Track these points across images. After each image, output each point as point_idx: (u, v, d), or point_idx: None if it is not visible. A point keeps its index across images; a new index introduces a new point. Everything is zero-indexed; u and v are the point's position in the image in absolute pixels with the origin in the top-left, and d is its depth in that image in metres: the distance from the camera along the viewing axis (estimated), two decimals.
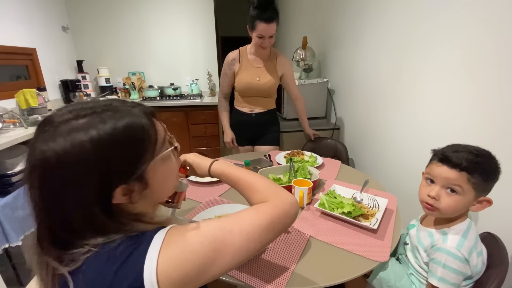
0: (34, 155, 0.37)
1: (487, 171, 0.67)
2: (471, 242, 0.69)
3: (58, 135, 0.36)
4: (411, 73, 1.25)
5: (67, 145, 0.36)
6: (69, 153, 0.36)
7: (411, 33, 1.23)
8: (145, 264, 0.36)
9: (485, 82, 0.89)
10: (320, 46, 2.28)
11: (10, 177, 1.45)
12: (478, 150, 0.69)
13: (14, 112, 1.80)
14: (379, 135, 1.58)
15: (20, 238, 1.37)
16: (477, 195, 0.69)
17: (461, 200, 0.69)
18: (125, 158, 0.40)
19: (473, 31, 0.92)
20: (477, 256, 0.70)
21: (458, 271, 0.67)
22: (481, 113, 0.91)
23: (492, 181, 0.69)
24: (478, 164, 0.66)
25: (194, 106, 2.77)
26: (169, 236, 0.40)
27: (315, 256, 0.74)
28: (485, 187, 0.69)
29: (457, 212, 0.73)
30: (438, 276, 0.69)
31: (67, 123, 0.38)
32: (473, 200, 0.70)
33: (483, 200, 0.70)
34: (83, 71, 2.96)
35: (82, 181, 0.38)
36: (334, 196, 1.00)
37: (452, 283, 0.68)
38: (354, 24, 1.74)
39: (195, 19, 3.15)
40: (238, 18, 5.92)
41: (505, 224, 0.84)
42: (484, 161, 0.67)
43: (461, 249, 0.68)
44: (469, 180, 0.67)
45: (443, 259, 0.69)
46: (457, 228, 0.72)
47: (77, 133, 0.37)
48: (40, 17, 2.48)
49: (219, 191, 1.11)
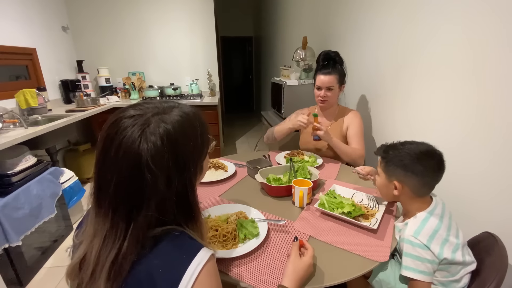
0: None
1: (394, 159, 0.82)
2: (431, 228, 0.73)
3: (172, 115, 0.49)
4: (411, 73, 1.25)
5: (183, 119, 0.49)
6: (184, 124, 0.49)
7: (411, 32, 1.23)
8: (185, 275, 0.42)
9: (487, 80, 0.88)
10: (320, 46, 2.28)
11: (10, 177, 1.45)
12: (401, 146, 0.83)
13: (14, 112, 1.80)
14: (380, 135, 1.58)
15: (20, 238, 1.37)
16: (387, 177, 0.84)
17: (378, 179, 0.89)
18: (206, 135, 0.55)
19: (475, 28, 0.92)
20: (441, 243, 0.72)
21: (421, 257, 0.71)
22: (483, 112, 0.91)
23: (399, 168, 0.80)
24: (389, 153, 0.83)
25: (194, 106, 2.76)
26: (209, 268, 0.45)
27: (315, 256, 0.74)
28: (392, 172, 0.82)
29: (380, 190, 0.90)
30: (404, 265, 0.73)
31: (174, 109, 0.51)
32: (386, 181, 0.85)
33: (395, 184, 0.82)
34: (83, 71, 2.96)
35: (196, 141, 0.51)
36: (334, 196, 1.00)
37: (420, 270, 0.70)
38: (354, 24, 1.74)
39: (195, 19, 3.15)
40: (238, 18, 5.93)
41: (505, 224, 0.84)
42: (397, 152, 0.81)
43: (418, 235, 0.72)
44: (380, 163, 0.87)
45: (404, 248, 0.74)
46: (417, 217, 0.78)
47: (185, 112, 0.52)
48: (40, 17, 2.48)
49: (219, 191, 1.11)
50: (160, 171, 0.43)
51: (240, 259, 0.72)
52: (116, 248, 0.43)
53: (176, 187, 0.46)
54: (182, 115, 0.50)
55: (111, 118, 0.46)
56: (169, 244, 0.46)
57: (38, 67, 2.42)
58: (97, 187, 0.45)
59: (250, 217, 0.86)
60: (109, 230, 0.44)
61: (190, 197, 0.51)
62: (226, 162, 1.36)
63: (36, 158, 1.67)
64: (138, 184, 0.43)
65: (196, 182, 0.54)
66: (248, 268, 0.69)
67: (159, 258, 0.44)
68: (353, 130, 1.43)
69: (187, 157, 0.48)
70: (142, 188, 0.43)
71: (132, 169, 0.43)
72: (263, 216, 0.90)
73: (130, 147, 0.42)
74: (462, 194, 0.99)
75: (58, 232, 1.78)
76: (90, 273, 0.43)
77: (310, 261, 0.65)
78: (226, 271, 0.68)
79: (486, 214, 0.91)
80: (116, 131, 0.44)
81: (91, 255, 0.44)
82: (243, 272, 0.68)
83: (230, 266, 0.70)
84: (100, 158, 0.45)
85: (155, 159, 0.43)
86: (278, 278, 0.66)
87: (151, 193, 0.44)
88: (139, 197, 0.44)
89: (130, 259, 0.43)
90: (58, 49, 2.74)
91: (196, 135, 0.51)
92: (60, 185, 1.74)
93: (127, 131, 0.43)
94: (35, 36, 2.40)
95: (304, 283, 0.64)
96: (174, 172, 0.46)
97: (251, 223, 0.82)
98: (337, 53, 1.44)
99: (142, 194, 0.43)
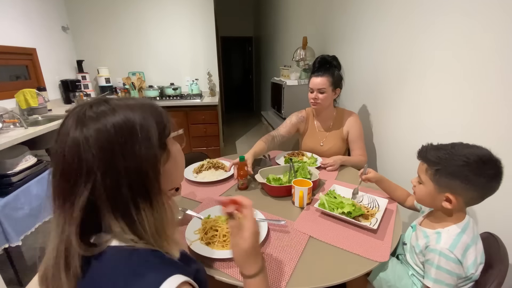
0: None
1: (449, 168, 0.68)
2: (465, 243, 0.68)
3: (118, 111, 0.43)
4: (413, 73, 1.25)
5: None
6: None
7: (412, 31, 1.23)
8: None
9: (491, 82, 0.88)
10: (320, 46, 2.28)
11: (10, 177, 1.45)
12: (453, 149, 0.69)
13: (14, 112, 1.80)
14: (380, 135, 1.58)
15: (20, 238, 1.37)
16: (438, 188, 0.71)
17: (422, 189, 0.75)
18: (161, 123, 0.48)
19: (477, 30, 0.92)
20: (473, 259, 0.69)
21: (452, 272, 0.67)
22: (487, 114, 0.90)
23: (458, 181, 0.67)
24: (441, 159, 0.69)
25: (194, 106, 2.77)
26: None
27: (315, 256, 0.74)
28: (447, 184, 0.69)
29: (423, 201, 0.78)
30: (433, 277, 0.69)
31: (121, 103, 0.45)
32: (434, 192, 0.72)
33: (448, 197, 0.70)
34: (83, 71, 2.96)
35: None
36: (334, 196, 1.00)
37: (447, 283, 0.68)
38: (354, 24, 1.74)
39: (195, 19, 3.15)
40: (238, 18, 5.93)
41: (505, 224, 0.84)
42: (451, 158, 0.68)
43: (454, 250, 0.67)
44: (427, 171, 0.73)
45: (436, 260, 0.69)
46: (451, 229, 0.72)
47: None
48: (40, 17, 2.48)
49: (219, 191, 1.11)
50: (101, 150, 0.40)
51: None
52: (59, 238, 0.41)
53: (124, 164, 0.41)
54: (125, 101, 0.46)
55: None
56: (123, 266, 0.41)
57: (38, 67, 2.42)
58: (52, 182, 0.43)
59: None
60: (56, 221, 0.42)
61: (148, 177, 0.43)
62: (226, 162, 1.35)
63: (36, 158, 1.67)
64: (75, 165, 0.40)
65: (155, 164, 0.45)
66: None
67: (111, 280, 0.40)
68: (354, 134, 1.42)
69: (138, 132, 0.43)
70: (80, 168, 0.40)
71: (69, 150, 0.40)
72: (263, 216, 0.90)
73: (68, 134, 0.40)
74: None
75: None
76: (51, 272, 0.42)
77: (249, 232, 0.53)
78: (226, 271, 0.68)
79: (486, 214, 0.91)
80: (56, 139, 0.42)
81: (49, 253, 0.43)
82: None
83: (230, 266, 0.70)
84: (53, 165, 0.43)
85: (97, 139, 0.40)
86: (278, 278, 0.66)
87: (91, 173, 0.40)
88: (75, 182, 0.40)
89: (75, 249, 0.40)
90: (58, 49, 2.74)
91: (148, 111, 0.47)
92: None
93: (65, 128, 0.41)
94: (35, 36, 2.40)
95: (256, 251, 0.54)
96: (119, 149, 0.41)
97: None
98: (334, 57, 1.43)
99: (78, 177, 0.40)
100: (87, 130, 0.40)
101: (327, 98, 1.39)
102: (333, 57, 1.44)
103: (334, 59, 1.43)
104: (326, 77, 1.36)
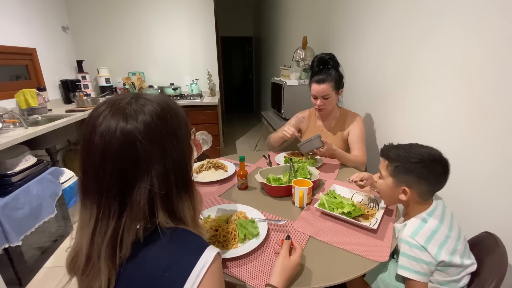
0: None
1: (406, 164, 0.77)
2: (429, 229, 0.73)
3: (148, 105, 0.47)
4: (415, 73, 1.24)
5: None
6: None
7: (414, 31, 1.23)
8: (190, 276, 0.42)
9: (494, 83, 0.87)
10: (320, 46, 2.28)
11: (10, 177, 1.45)
12: (410, 149, 0.78)
13: (14, 112, 1.80)
14: (380, 135, 1.58)
15: (20, 238, 1.37)
16: (396, 182, 0.79)
17: (382, 183, 0.84)
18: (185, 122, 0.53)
19: (480, 29, 0.92)
20: (440, 245, 0.72)
21: (417, 258, 0.71)
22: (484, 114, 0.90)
23: (413, 175, 0.76)
24: (400, 157, 0.78)
25: (194, 106, 2.77)
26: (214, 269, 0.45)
27: (315, 256, 0.74)
28: (404, 178, 0.78)
29: (383, 193, 0.87)
30: (400, 264, 0.74)
31: (149, 101, 0.48)
32: (393, 185, 0.81)
33: (404, 190, 0.78)
34: (83, 71, 2.96)
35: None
36: (334, 196, 1.00)
37: (415, 270, 0.71)
38: (354, 23, 1.74)
39: (195, 19, 3.15)
40: (238, 18, 5.93)
41: (505, 224, 0.84)
42: (409, 156, 0.76)
43: (416, 236, 0.73)
44: (387, 167, 0.82)
45: (401, 248, 0.75)
46: (415, 218, 0.78)
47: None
48: (40, 17, 2.48)
49: (219, 191, 1.11)
50: (153, 142, 0.44)
51: (240, 259, 0.72)
52: (111, 227, 0.43)
53: (171, 155, 0.47)
54: (157, 97, 0.51)
55: (90, 114, 0.46)
56: (172, 241, 0.46)
57: (38, 67, 2.42)
58: (84, 180, 0.45)
59: (250, 217, 0.86)
60: (100, 214, 0.43)
61: (187, 168, 0.52)
62: (226, 162, 1.36)
63: (36, 158, 1.67)
64: (131, 159, 0.43)
65: (190, 156, 0.54)
66: (248, 268, 0.69)
67: (162, 255, 0.44)
68: (355, 135, 1.42)
69: (177, 127, 0.50)
70: (136, 161, 0.43)
71: (123, 145, 0.42)
72: (263, 216, 0.90)
73: (116, 130, 0.42)
74: (462, 195, 0.99)
75: (58, 232, 1.78)
76: (84, 262, 0.44)
77: (298, 260, 0.66)
78: (226, 271, 0.68)
79: (486, 214, 0.91)
80: (95, 122, 0.43)
81: (83, 244, 0.44)
82: (243, 272, 0.68)
83: (230, 266, 0.70)
84: (85, 151, 0.44)
85: (148, 131, 0.44)
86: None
87: (147, 165, 0.44)
88: (132, 174, 0.44)
89: (129, 237, 0.43)
90: (58, 49, 2.74)
91: (178, 108, 0.53)
92: (60, 185, 1.74)
93: (107, 117, 0.43)
94: (35, 36, 2.40)
95: (291, 282, 0.64)
96: (168, 141, 0.47)
97: (251, 223, 0.82)
98: (331, 56, 1.42)
99: (136, 170, 0.44)
100: (135, 123, 0.43)
101: (332, 102, 1.42)
102: (330, 55, 1.42)
103: (331, 57, 1.42)
104: (328, 82, 1.35)
